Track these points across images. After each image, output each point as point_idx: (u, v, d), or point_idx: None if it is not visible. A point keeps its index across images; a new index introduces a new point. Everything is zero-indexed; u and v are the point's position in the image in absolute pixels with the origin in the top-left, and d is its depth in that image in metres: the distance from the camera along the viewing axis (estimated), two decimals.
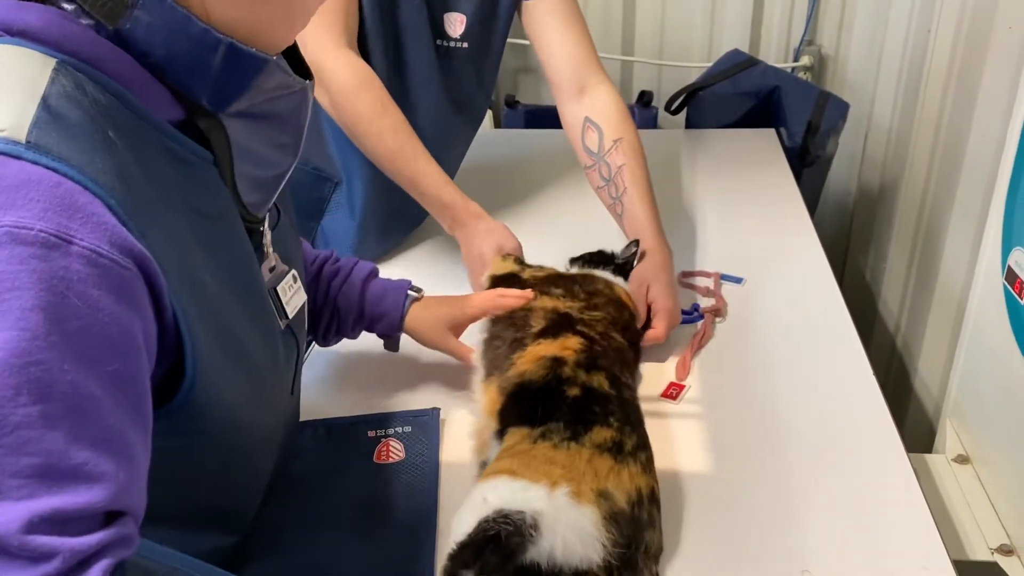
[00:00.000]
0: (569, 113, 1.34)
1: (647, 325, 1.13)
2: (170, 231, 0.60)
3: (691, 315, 1.21)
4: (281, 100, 0.69)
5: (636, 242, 1.20)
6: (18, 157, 0.51)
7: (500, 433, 0.88)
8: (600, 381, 0.90)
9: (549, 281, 1.08)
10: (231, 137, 0.66)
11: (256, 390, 0.73)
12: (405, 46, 1.28)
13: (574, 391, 0.87)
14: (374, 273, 1.06)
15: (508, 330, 0.99)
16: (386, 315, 1.03)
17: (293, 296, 0.80)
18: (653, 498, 0.81)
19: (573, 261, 1.21)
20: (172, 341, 0.60)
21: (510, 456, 0.82)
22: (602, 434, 0.82)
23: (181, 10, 0.59)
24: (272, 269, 0.77)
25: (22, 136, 0.52)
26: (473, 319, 1.06)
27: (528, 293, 1.04)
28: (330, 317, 1.03)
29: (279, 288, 0.78)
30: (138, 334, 0.54)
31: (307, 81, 0.71)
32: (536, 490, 0.75)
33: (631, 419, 0.87)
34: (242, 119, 0.66)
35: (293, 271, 0.81)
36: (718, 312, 1.22)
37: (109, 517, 0.52)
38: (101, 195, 0.53)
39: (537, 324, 0.98)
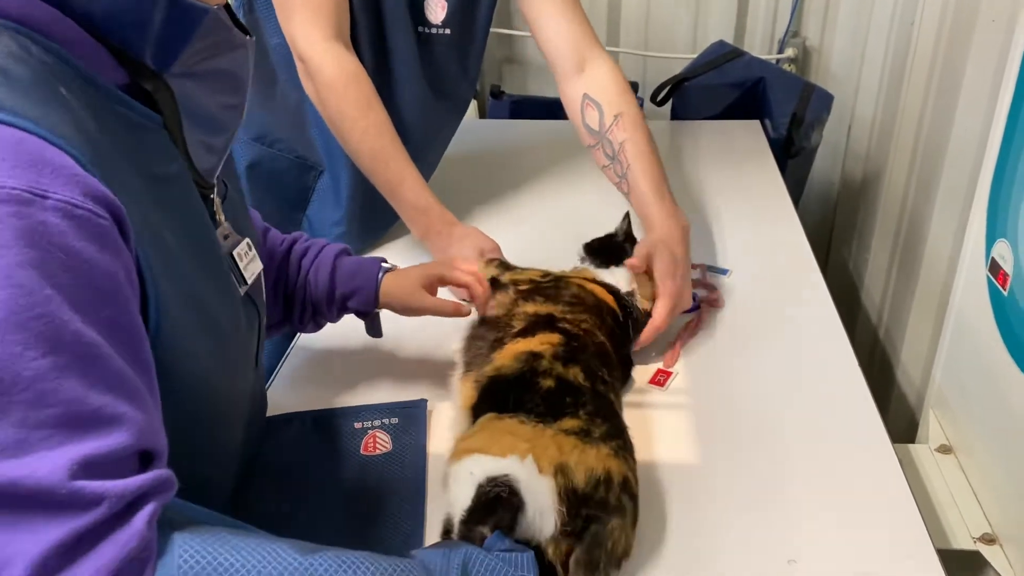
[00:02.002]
0: (569, 92, 1.31)
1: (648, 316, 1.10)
2: (129, 186, 0.59)
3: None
4: (224, 57, 0.68)
5: (627, 215, 1.19)
6: None
7: None
8: (576, 374, 0.89)
9: (532, 289, 1.06)
10: (178, 98, 0.65)
11: (221, 353, 0.72)
12: (391, 32, 1.27)
13: (548, 382, 0.87)
14: (346, 251, 1.05)
15: (491, 331, 0.99)
16: (361, 288, 1.02)
17: (250, 263, 0.80)
18: (626, 487, 0.79)
19: (587, 247, 1.20)
20: (137, 290, 0.59)
21: (474, 434, 0.82)
22: (570, 423, 0.82)
23: None
24: (226, 237, 0.77)
25: None
26: (445, 281, 1.04)
27: (484, 297, 1.03)
28: (304, 296, 1.02)
29: (235, 254, 0.78)
30: (123, 280, 0.55)
31: (248, 37, 0.71)
32: (508, 461, 0.76)
33: (603, 412, 0.86)
34: (187, 79, 0.66)
35: (247, 239, 0.80)
36: (714, 303, 1.23)
37: (143, 462, 0.53)
38: (64, 147, 0.52)
39: (518, 325, 0.97)
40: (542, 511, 0.74)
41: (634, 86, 2.28)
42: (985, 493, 1.07)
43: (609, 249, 1.16)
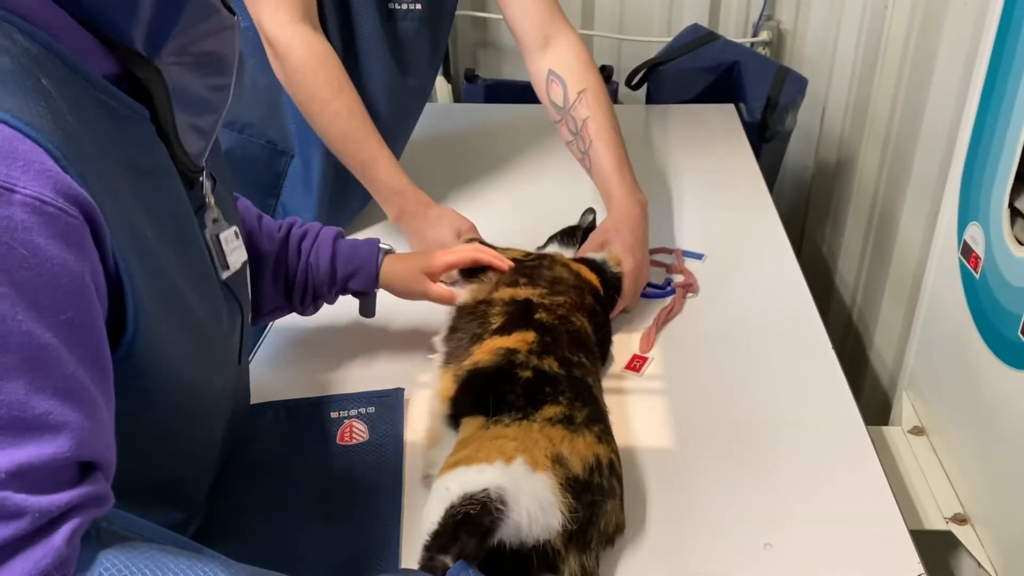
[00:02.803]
0: (535, 68, 1.33)
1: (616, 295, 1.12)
2: (108, 181, 0.58)
3: (664, 290, 1.22)
4: (212, 39, 0.68)
5: (591, 210, 1.20)
6: None
7: (454, 420, 0.88)
8: (551, 364, 0.90)
9: (513, 269, 1.07)
10: (169, 85, 0.64)
11: (200, 350, 0.71)
12: (357, 11, 1.26)
13: (526, 373, 0.88)
14: (341, 233, 1.06)
15: (471, 323, 0.99)
16: (361, 268, 1.03)
17: (235, 250, 0.79)
18: (613, 470, 0.81)
19: (551, 238, 1.22)
20: (113, 291, 0.58)
21: (462, 446, 0.82)
22: (552, 410, 0.83)
23: None
24: (215, 221, 0.76)
25: None
26: (448, 267, 1.06)
27: (504, 262, 1.05)
28: (305, 278, 1.02)
29: (222, 237, 0.77)
30: (88, 282, 0.53)
31: (235, 17, 0.71)
32: (493, 468, 0.75)
33: (582, 396, 0.87)
34: (178, 66, 0.65)
35: (235, 227, 0.80)
36: (690, 287, 1.23)
37: (82, 473, 0.52)
38: (40, 140, 0.51)
39: (496, 320, 0.97)
40: (544, 506, 0.74)
41: (609, 69, 2.27)
42: (957, 474, 1.09)
43: (572, 237, 1.19)
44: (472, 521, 0.71)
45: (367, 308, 1.07)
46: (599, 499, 0.77)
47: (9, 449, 0.47)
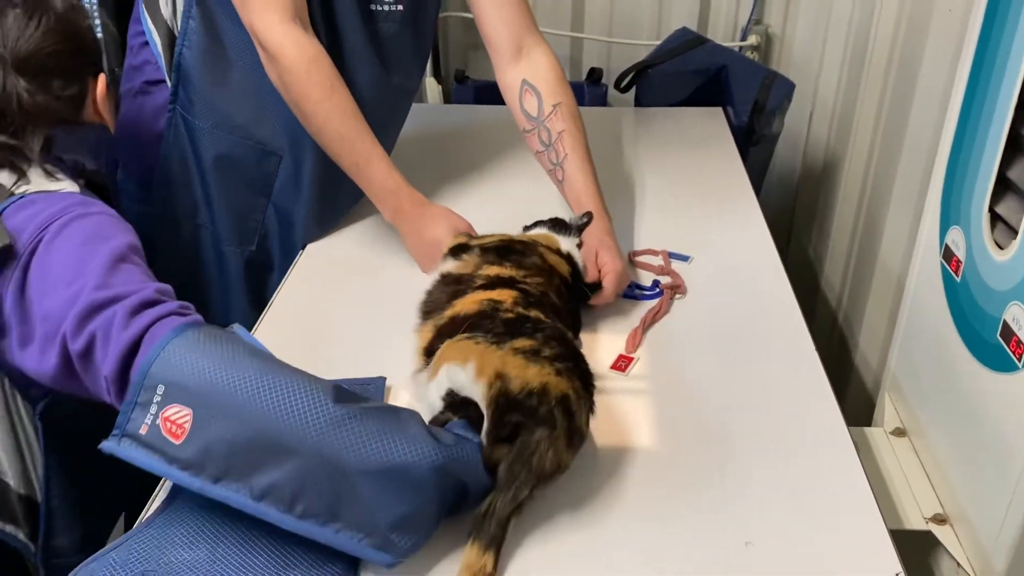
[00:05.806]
0: (506, 76, 1.35)
1: (597, 287, 1.16)
2: None
3: (652, 291, 1.23)
4: None
5: (588, 213, 1.22)
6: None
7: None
8: (536, 313, 0.94)
9: (496, 251, 1.10)
10: None
11: None
12: (339, 11, 1.27)
13: (509, 315, 0.92)
14: None
15: (449, 287, 1.03)
16: None
17: None
18: (565, 405, 0.83)
19: (527, 229, 1.24)
20: None
21: (443, 350, 0.89)
22: (523, 342, 0.86)
23: None
24: None
25: None
26: None
27: None
28: None
29: None
30: None
31: None
32: (456, 368, 0.85)
33: (559, 338, 0.90)
34: None
35: None
36: (677, 289, 1.24)
37: None
38: None
39: (480, 281, 1.02)
40: (483, 412, 0.81)
41: (598, 72, 2.29)
42: (937, 475, 1.10)
43: (567, 227, 1.22)
44: (470, 404, 0.83)
45: None
46: (527, 422, 0.80)
47: (147, 287, 0.87)
